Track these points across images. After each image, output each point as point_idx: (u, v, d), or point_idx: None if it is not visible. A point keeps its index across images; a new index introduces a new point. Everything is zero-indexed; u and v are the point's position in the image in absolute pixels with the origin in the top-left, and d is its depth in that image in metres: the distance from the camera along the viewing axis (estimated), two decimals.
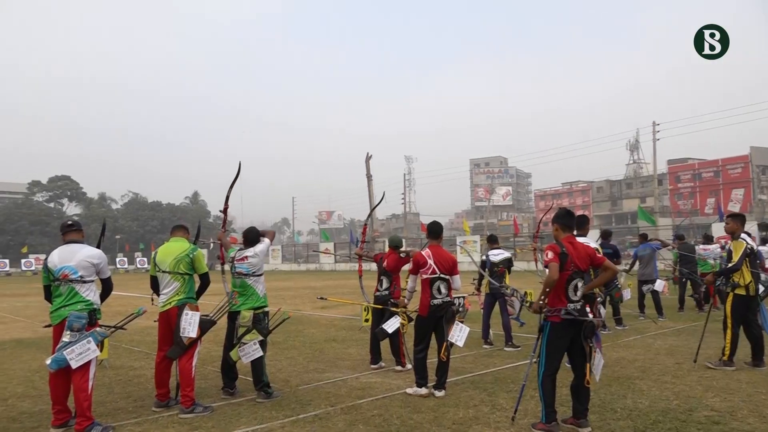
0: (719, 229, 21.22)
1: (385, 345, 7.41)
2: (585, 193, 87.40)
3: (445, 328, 5.96)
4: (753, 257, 6.96)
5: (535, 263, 9.00)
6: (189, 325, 5.40)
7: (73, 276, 4.98)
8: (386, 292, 7.34)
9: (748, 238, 7.12)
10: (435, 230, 6.37)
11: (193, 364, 5.48)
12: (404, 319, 7.00)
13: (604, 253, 7.27)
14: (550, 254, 4.69)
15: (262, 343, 5.89)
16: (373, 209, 13.39)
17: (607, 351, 8.00)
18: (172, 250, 5.66)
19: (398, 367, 7.19)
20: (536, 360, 4.83)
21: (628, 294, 10.57)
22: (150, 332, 9.72)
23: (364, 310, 7.54)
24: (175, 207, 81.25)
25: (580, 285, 4.78)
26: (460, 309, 6.18)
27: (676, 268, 12.87)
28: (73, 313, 4.88)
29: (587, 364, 4.68)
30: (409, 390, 6.00)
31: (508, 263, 9.10)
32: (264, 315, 6.03)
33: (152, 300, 5.89)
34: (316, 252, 53.82)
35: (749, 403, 5.40)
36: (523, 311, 8.99)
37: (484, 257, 9.28)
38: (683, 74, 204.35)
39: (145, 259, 55.55)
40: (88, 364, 4.85)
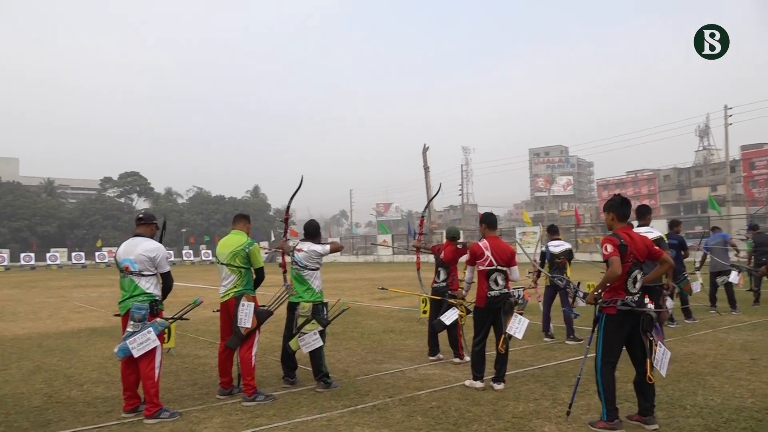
0: None
1: (443, 337, 7.37)
2: (651, 182, 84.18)
3: (504, 319, 5.87)
4: None
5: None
6: (244, 315, 5.52)
7: (132, 269, 5.16)
8: (443, 284, 7.29)
9: None
10: (490, 220, 6.26)
11: (253, 353, 5.60)
12: (462, 311, 6.94)
13: (669, 243, 6.98)
14: (610, 247, 4.50)
15: (321, 333, 5.96)
16: (430, 201, 13.26)
17: (676, 345, 7.70)
18: (230, 243, 5.77)
19: (456, 359, 7.14)
20: (593, 354, 4.67)
21: (698, 287, 10.10)
22: (213, 322, 10.03)
23: (422, 302, 7.52)
24: (237, 201, 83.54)
25: (639, 277, 4.59)
26: (519, 301, 6.06)
27: (752, 259, 12.23)
28: (134, 304, 5.07)
29: (648, 360, 4.49)
30: (467, 382, 5.94)
31: (568, 254, 8.87)
32: (323, 305, 6.10)
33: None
34: (374, 244, 54.16)
35: None
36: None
37: (543, 248, 9.08)
38: (759, 55, 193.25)
39: (210, 252, 57.45)
40: (153, 353, 5.04)
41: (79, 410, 5.39)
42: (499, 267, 5.90)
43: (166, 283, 5.37)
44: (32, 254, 52.24)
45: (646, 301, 4.67)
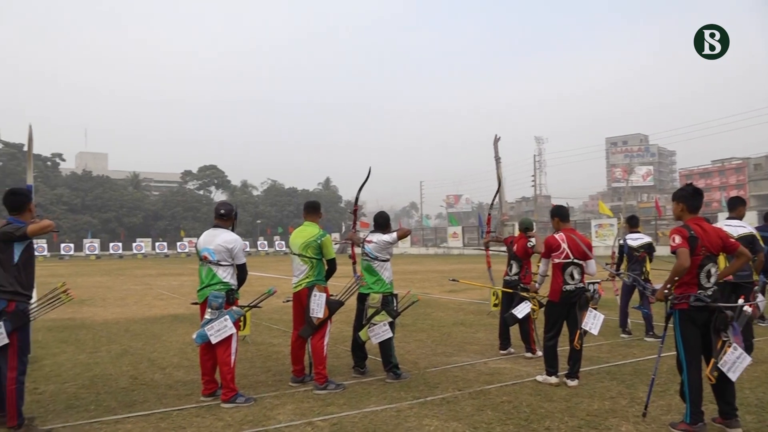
0: None
1: (514, 331, 7.24)
2: (739, 171, 79.25)
3: (579, 315, 5.69)
4: None
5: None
6: (317, 305, 5.62)
7: (211, 258, 5.33)
8: (515, 277, 7.15)
9: None
10: (562, 213, 6.07)
11: (325, 343, 5.70)
12: (535, 305, 6.78)
13: (762, 236, 6.51)
14: (678, 238, 4.25)
15: (391, 324, 5.99)
16: (495, 195, 13.06)
17: (766, 346, 7.23)
18: (303, 234, 5.87)
19: (528, 354, 6.99)
20: (666, 353, 4.42)
21: None
22: (286, 311, 10.27)
23: (493, 294, 7.40)
24: (309, 192, 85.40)
25: (714, 271, 4.32)
26: (595, 295, 5.86)
27: None
28: (212, 292, 5.25)
29: (711, 359, 4.21)
30: (539, 378, 5.81)
31: (649, 248, 8.46)
32: (393, 297, 6.12)
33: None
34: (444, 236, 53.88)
35: None
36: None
37: (621, 241, 8.72)
38: None
39: (283, 242, 59.01)
40: (229, 340, 5.22)
41: (162, 392, 5.67)
42: (575, 260, 5.72)
43: (241, 275, 5.50)
44: (120, 244, 55.37)
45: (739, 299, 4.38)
